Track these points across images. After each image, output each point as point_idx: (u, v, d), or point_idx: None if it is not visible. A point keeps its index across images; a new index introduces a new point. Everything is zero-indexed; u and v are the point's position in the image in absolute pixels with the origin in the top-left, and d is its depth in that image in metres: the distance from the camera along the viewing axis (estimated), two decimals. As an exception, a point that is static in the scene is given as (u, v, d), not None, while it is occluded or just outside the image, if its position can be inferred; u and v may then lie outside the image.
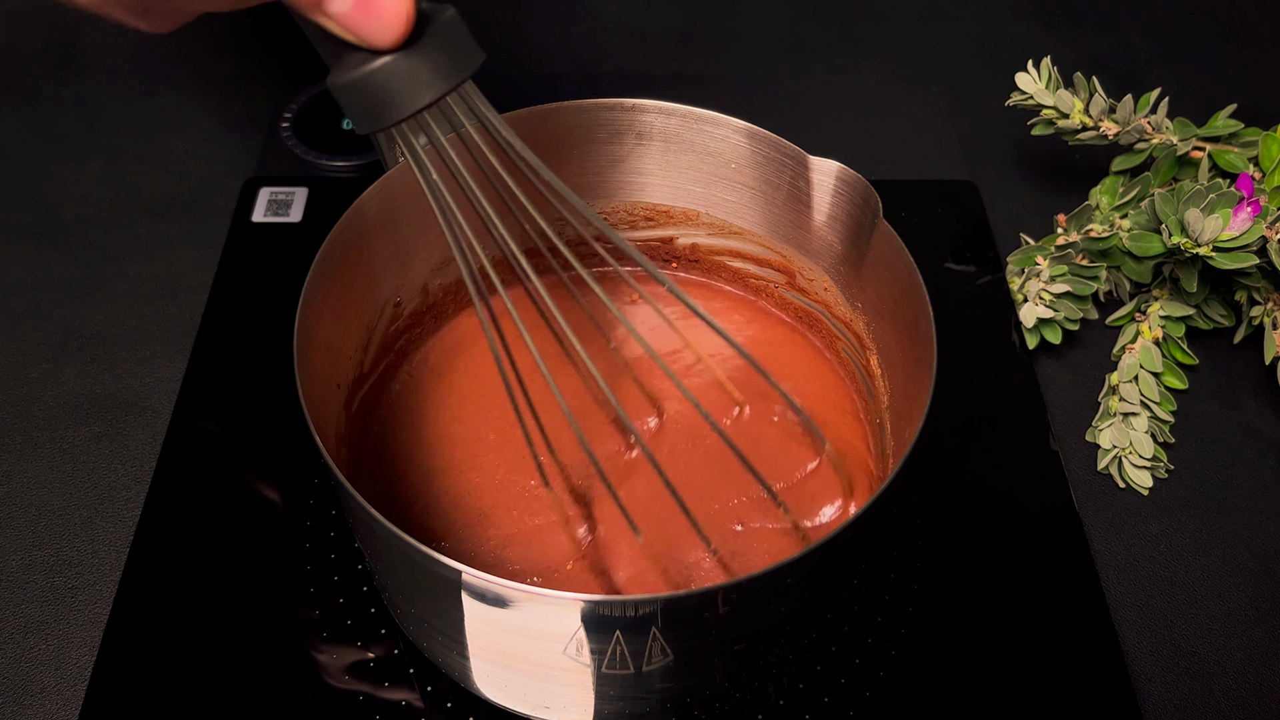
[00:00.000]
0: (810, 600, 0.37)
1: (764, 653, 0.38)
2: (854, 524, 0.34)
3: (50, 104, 0.68)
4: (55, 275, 0.59)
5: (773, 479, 0.44)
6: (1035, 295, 0.56)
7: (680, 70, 0.72)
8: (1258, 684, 0.46)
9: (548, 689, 0.37)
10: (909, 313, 0.40)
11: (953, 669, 0.45)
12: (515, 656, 0.36)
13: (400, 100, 0.31)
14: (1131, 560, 0.49)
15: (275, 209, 0.60)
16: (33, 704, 0.43)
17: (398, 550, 0.33)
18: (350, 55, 0.31)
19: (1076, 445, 0.53)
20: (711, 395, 0.47)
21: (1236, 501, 0.52)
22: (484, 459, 0.46)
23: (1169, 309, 0.55)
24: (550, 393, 0.36)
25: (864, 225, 0.43)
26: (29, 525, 0.49)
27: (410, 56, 0.30)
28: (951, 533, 0.49)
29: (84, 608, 0.46)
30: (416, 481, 0.45)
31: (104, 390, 0.54)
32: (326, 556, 0.47)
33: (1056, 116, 0.58)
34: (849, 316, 0.47)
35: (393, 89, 0.31)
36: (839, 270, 0.46)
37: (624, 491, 0.43)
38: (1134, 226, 0.55)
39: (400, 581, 0.37)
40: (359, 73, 0.30)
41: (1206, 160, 0.56)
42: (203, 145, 0.66)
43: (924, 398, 0.37)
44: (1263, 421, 0.55)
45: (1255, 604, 0.48)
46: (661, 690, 0.36)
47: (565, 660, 0.34)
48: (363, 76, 0.30)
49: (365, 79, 0.30)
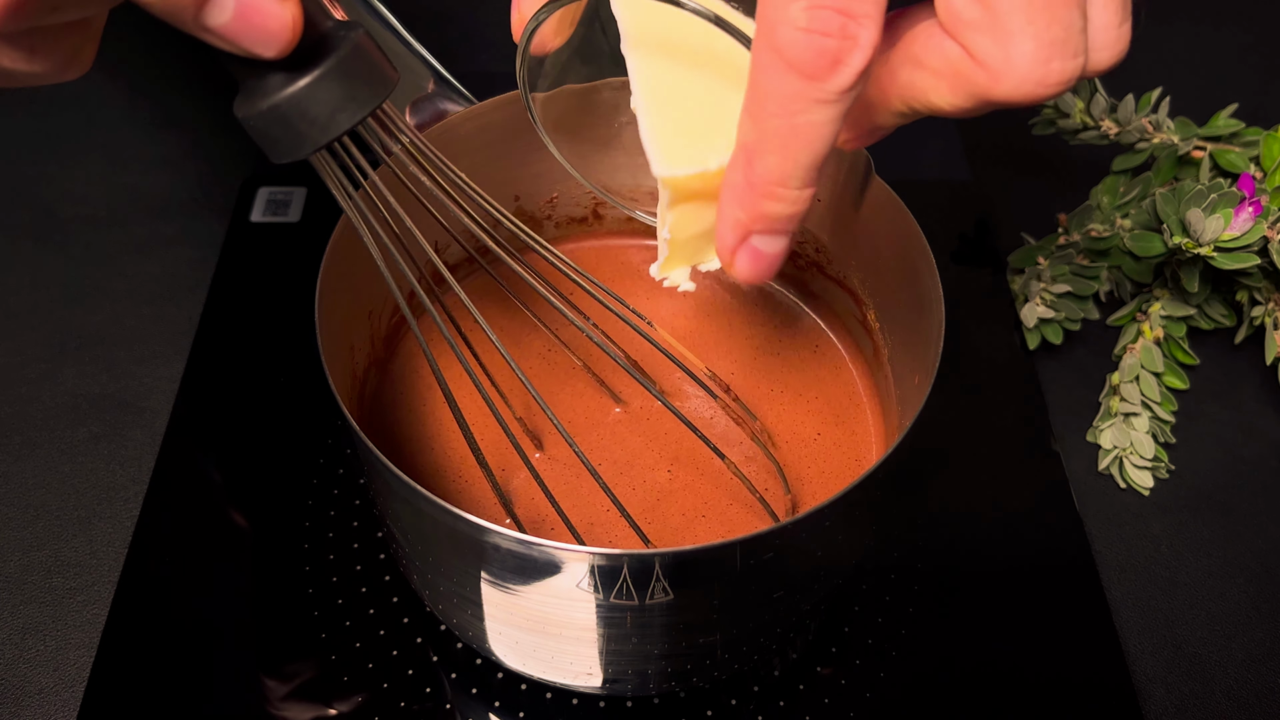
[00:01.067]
0: (815, 561, 0.38)
1: (761, 612, 0.39)
2: (884, 463, 0.34)
3: (49, 104, 0.68)
4: (53, 275, 0.59)
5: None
6: (1036, 295, 0.56)
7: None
8: (1259, 685, 0.45)
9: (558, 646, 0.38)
10: (908, 265, 0.41)
11: (953, 669, 0.45)
12: (529, 612, 0.36)
13: (313, 131, 0.29)
14: (1132, 561, 0.49)
15: (274, 209, 0.60)
16: (31, 705, 0.43)
17: (425, 514, 0.34)
18: (255, 82, 0.29)
19: (1077, 445, 0.53)
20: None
21: (1237, 502, 0.51)
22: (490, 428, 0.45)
23: (1170, 309, 0.55)
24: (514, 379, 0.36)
25: (857, 184, 0.43)
26: (27, 526, 0.49)
27: (318, 84, 0.29)
28: (952, 533, 0.49)
29: (82, 609, 0.46)
30: (429, 460, 0.45)
31: (102, 390, 0.54)
32: (326, 557, 0.47)
33: (1057, 116, 0.58)
34: (843, 275, 0.47)
35: (304, 118, 0.29)
36: (832, 230, 0.47)
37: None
38: (1135, 226, 0.55)
39: (425, 543, 0.37)
40: (265, 104, 0.29)
41: (1207, 160, 0.56)
42: (201, 145, 0.66)
43: (935, 340, 0.37)
44: (1264, 422, 0.55)
45: (1256, 604, 0.48)
46: (662, 626, 0.37)
47: (577, 593, 0.34)
48: (268, 108, 0.29)
49: (271, 110, 0.29)
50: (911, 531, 0.48)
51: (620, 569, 0.33)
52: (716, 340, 0.49)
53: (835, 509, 0.34)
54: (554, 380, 0.47)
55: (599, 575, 0.33)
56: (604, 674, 0.39)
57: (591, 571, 0.33)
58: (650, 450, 0.44)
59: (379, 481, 0.37)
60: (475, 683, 0.44)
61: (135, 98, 0.68)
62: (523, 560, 0.33)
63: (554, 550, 0.32)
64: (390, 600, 0.45)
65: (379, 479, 0.36)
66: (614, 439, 0.45)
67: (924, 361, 0.38)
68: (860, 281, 0.46)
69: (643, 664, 0.39)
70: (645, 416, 0.45)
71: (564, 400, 0.46)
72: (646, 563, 0.32)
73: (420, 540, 0.37)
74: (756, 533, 0.32)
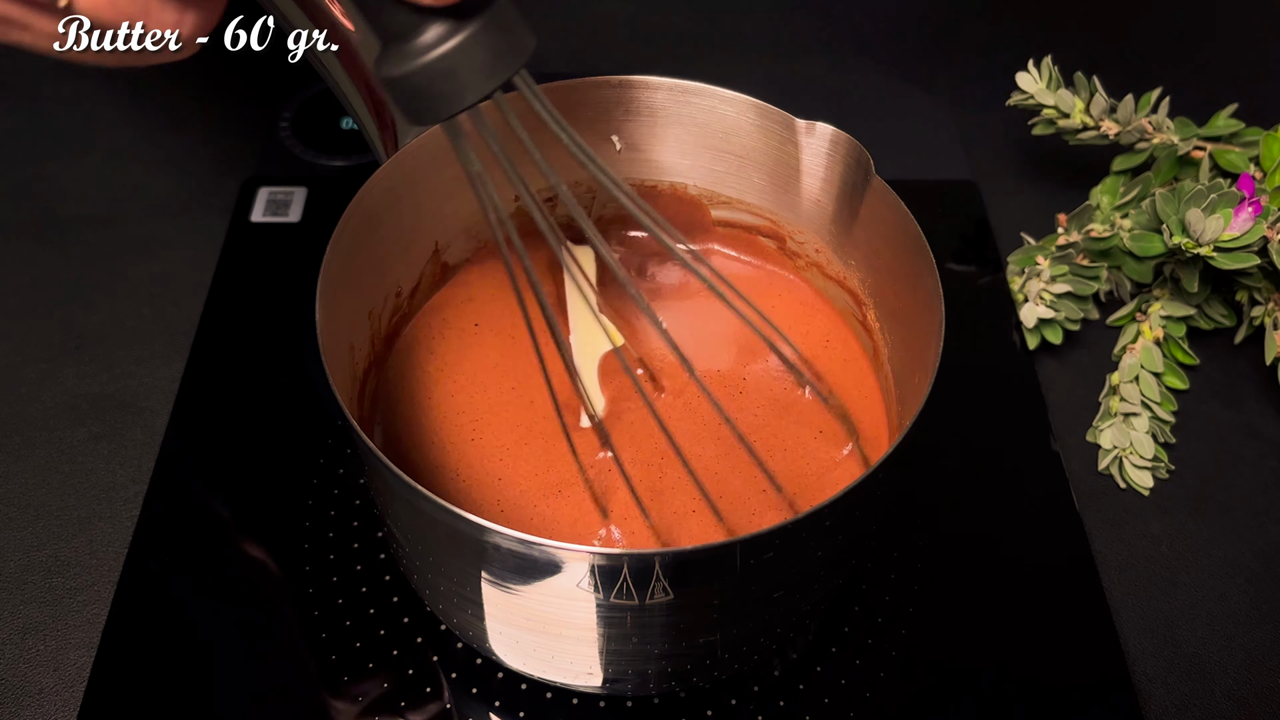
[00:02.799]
0: (815, 561, 0.38)
1: (761, 612, 0.38)
2: (884, 462, 0.34)
3: (50, 104, 0.68)
4: (53, 275, 0.59)
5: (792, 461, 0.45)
6: (1036, 295, 0.56)
7: (680, 70, 0.72)
8: (1259, 685, 0.45)
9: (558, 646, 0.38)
10: (908, 264, 0.41)
11: (953, 669, 0.45)
12: (529, 611, 0.36)
13: (460, 92, 0.29)
14: (1132, 561, 0.49)
15: (274, 209, 0.60)
16: (31, 705, 0.43)
17: (426, 513, 0.33)
18: (406, 42, 0.29)
19: (1077, 445, 0.53)
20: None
21: (1238, 502, 0.51)
22: (490, 427, 0.45)
23: (1170, 309, 0.55)
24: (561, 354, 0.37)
25: (856, 184, 0.43)
26: (27, 526, 0.49)
27: (474, 39, 0.29)
28: (952, 533, 0.49)
29: (82, 609, 0.46)
30: (429, 458, 0.45)
31: (102, 390, 0.54)
32: (326, 557, 0.47)
33: (1057, 116, 0.58)
34: (843, 275, 0.47)
35: (451, 79, 0.29)
36: (830, 231, 0.47)
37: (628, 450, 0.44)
38: (1135, 226, 0.55)
39: (425, 542, 0.37)
40: (419, 61, 0.29)
41: (1207, 160, 0.56)
42: (202, 145, 0.66)
43: (935, 340, 0.37)
44: (1264, 422, 0.55)
45: (1256, 605, 0.48)
46: (662, 626, 0.37)
47: (578, 593, 0.34)
48: (424, 65, 0.29)
49: (421, 70, 0.29)
50: (911, 532, 0.48)
51: (620, 569, 0.33)
52: (717, 340, 0.49)
53: (835, 509, 0.34)
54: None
55: (599, 575, 0.33)
56: (604, 674, 0.39)
57: (592, 571, 0.33)
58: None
59: (379, 481, 0.37)
60: (475, 683, 0.44)
61: (136, 98, 0.68)
62: (523, 560, 0.33)
63: (554, 550, 0.32)
64: (390, 600, 0.45)
65: (379, 479, 0.36)
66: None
67: (924, 361, 0.38)
68: (860, 281, 0.46)
69: (643, 664, 0.39)
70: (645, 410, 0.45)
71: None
72: (646, 562, 0.32)
73: (420, 540, 0.37)
74: (756, 532, 0.32)
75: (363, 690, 0.43)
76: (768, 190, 0.48)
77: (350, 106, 0.47)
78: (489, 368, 0.47)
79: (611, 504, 0.42)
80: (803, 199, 0.47)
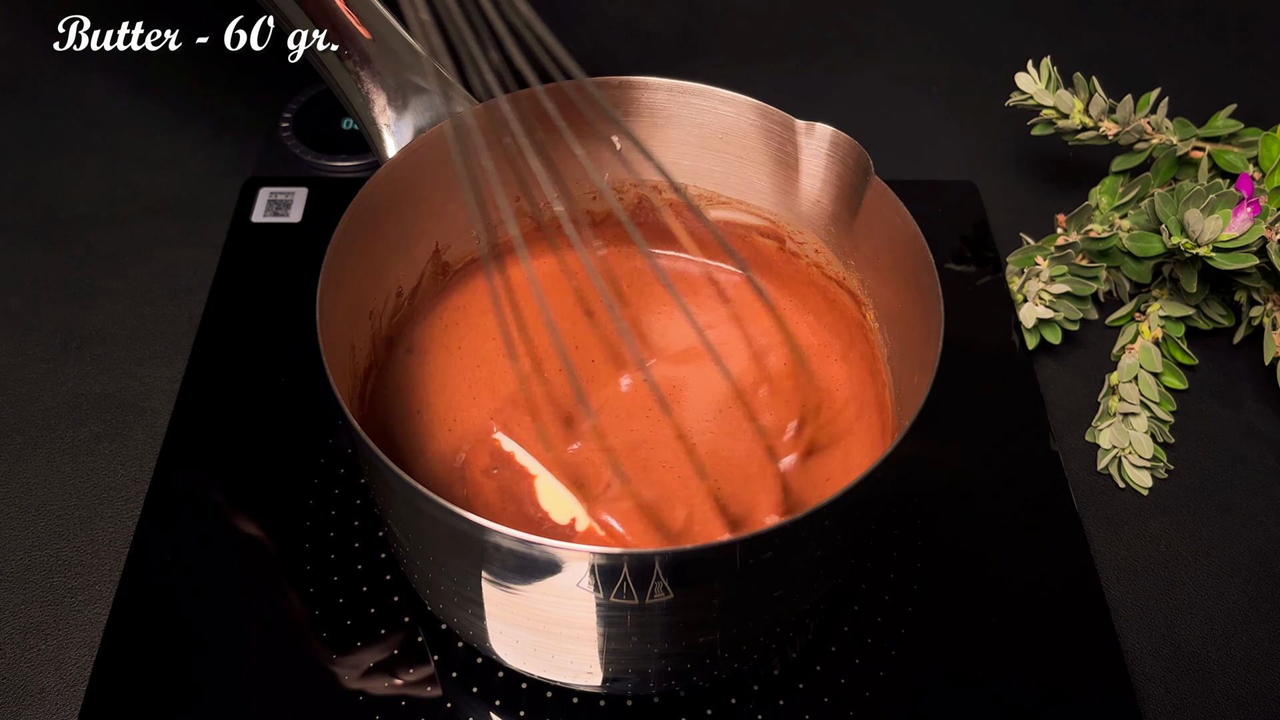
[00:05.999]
0: (815, 561, 0.38)
1: (761, 612, 0.39)
2: (884, 462, 0.34)
3: (51, 104, 0.68)
4: (54, 275, 0.59)
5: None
6: (1035, 295, 0.56)
7: (680, 70, 0.72)
8: (1258, 684, 0.46)
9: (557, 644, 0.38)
10: (907, 264, 0.41)
11: (953, 669, 0.45)
12: (529, 611, 0.36)
13: None
14: (1131, 560, 0.49)
15: (275, 209, 0.60)
16: (32, 704, 0.43)
17: (426, 513, 0.34)
18: None
19: (1076, 445, 0.53)
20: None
21: (1236, 501, 0.52)
22: (490, 427, 0.45)
23: (1169, 309, 0.55)
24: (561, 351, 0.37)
25: (856, 184, 0.43)
26: (28, 525, 0.49)
27: None
28: (951, 533, 0.49)
29: (83, 608, 0.46)
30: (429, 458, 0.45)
31: (103, 390, 0.54)
32: (326, 557, 0.47)
33: (1056, 116, 0.58)
34: (842, 275, 0.47)
35: None
36: (830, 231, 0.47)
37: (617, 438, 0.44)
38: (1134, 227, 0.55)
39: (425, 542, 0.37)
40: None
41: (1206, 160, 0.56)
42: (202, 145, 0.66)
43: (934, 340, 0.37)
44: (1263, 421, 0.55)
45: (1255, 604, 0.48)
46: (662, 626, 0.37)
47: (578, 592, 0.34)
48: None
49: None
50: (911, 531, 0.49)
51: (620, 568, 0.33)
52: (718, 341, 0.49)
53: (835, 509, 0.34)
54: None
55: (599, 574, 0.33)
56: (604, 673, 0.39)
57: (592, 571, 0.33)
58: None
59: (379, 481, 0.37)
60: (475, 682, 0.44)
61: (136, 98, 0.68)
62: (523, 560, 0.33)
63: (554, 549, 0.32)
64: (391, 599, 0.46)
65: (379, 479, 0.36)
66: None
67: (923, 361, 0.38)
68: (859, 282, 0.46)
69: (643, 663, 0.39)
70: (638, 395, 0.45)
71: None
72: (646, 562, 0.32)
73: (420, 540, 0.37)
74: (756, 532, 0.33)
75: (363, 689, 0.43)
76: (767, 191, 0.48)
77: (350, 106, 0.47)
78: (489, 367, 0.47)
79: (608, 500, 0.42)
80: (802, 199, 0.47)
